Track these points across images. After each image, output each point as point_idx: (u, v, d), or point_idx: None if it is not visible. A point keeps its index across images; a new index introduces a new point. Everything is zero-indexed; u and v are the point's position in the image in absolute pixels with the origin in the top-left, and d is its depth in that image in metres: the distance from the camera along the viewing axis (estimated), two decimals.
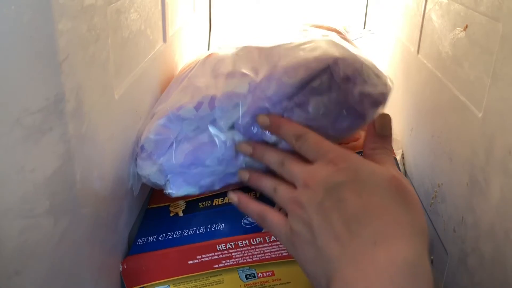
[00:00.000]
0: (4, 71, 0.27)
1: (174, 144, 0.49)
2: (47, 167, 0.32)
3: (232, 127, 0.47)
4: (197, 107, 0.47)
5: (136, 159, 0.50)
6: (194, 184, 0.49)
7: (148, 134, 0.49)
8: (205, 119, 0.47)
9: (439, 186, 0.52)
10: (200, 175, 0.48)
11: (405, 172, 0.65)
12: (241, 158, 0.48)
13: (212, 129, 0.47)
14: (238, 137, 0.47)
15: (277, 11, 0.94)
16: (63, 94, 0.33)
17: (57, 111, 0.32)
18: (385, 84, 0.47)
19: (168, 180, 0.49)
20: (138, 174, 0.50)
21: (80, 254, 0.37)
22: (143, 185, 0.55)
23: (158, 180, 0.49)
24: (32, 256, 0.30)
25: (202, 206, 0.52)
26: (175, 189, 0.49)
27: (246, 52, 0.51)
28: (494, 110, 0.40)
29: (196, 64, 0.55)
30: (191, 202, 0.53)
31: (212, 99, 0.47)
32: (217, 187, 0.50)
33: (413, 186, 0.62)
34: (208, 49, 0.80)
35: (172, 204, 0.53)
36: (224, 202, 0.51)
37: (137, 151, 0.50)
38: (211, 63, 0.53)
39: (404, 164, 0.66)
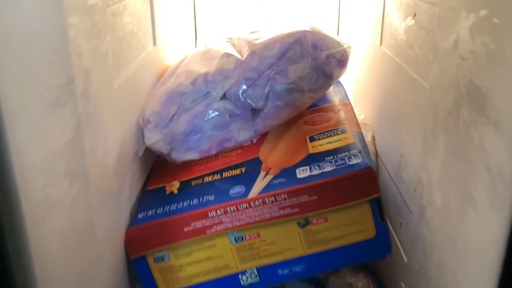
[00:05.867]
0: (30, 54, 0.34)
1: (175, 116, 0.57)
2: (62, 136, 0.38)
3: (223, 97, 0.58)
4: (193, 82, 0.58)
5: (142, 131, 0.59)
6: (195, 150, 0.58)
7: (153, 109, 0.57)
8: (200, 92, 0.57)
9: (402, 157, 0.59)
10: (199, 141, 0.57)
11: (376, 152, 0.72)
12: (233, 124, 0.56)
13: (206, 100, 0.56)
14: (229, 105, 0.57)
15: (255, 18, 1.02)
16: (73, 77, 0.40)
17: (69, 90, 0.39)
18: (345, 48, 0.59)
19: (172, 148, 0.57)
20: (143, 141, 0.58)
21: (90, 216, 0.43)
22: (141, 169, 0.62)
23: (163, 148, 0.57)
24: (53, 208, 0.37)
25: (194, 183, 0.58)
26: (179, 155, 0.58)
27: (229, 42, 0.61)
28: (437, 80, 0.47)
29: (186, 58, 0.64)
30: (185, 182, 0.59)
31: (206, 75, 0.58)
32: (214, 152, 0.60)
33: (383, 162, 0.69)
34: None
35: (167, 185, 0.60)
36: (214, 179, 0.58)
37: (141, 125, 0.58)
38: (200, 54, 0.62)
39: (375, 145, 0.73)
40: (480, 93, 0.38)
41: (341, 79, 0.79)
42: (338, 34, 1.03)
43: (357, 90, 0.88)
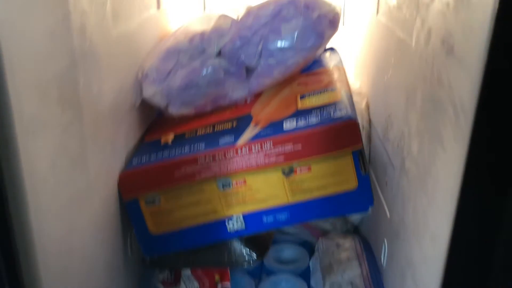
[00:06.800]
0: None
1: (172, 71, 0.60)
2: (57, 64, 0.41)
3: (218, 54, 0.60)
4: (190, 40, 0.61)
5: (141, 84, 0.62)
6: (190, 105, 0.61)
7: (152, 64, 0.61)
8: (196, 49, 0.60)
9: (389, 117, 0.61)
10: (194, 96, 0.60)
11: (369, 119, 0.74)
12: (227, 82, 0.59)
13: (202, 57, 0.59)
14: (224, 62, 0.59)
15: None
16: (69, 14, 0.43)
17: (66, 26, 0.42)
18: (335, 9, 0.62)
19: (169, 102, 0.60)
20: (140, 93, 0.61)
21: (83, 147, 0.46)
22: (139, 122, 0.65)
23: (161, 101, 0.61)
24: (44, 129, 0.40)
25: (187, 136, 0.61)
26: (175, 109, 0.61)
27: (230, 8, 0.64)
28: (418, 34, 0.49)
29: (187, 22, 0.68)
30: (179, 135, 0.62)
31: (203, 33, 0.61)
32: (209, 108, 0.62)
33: (375, 127, 0.70)
34: None
35: (163, 136, 0.63)
36: (206, 132, 0.60)
37: (139, 78, 0.61)
38: (200, 17, 0.66)
39: (369, 113, 0.74)
40: (450, 36, 0.40)
41: (343, 52, 0.81)
42: (343, 13, 1.04)
43: (357, 63, 0.90)
